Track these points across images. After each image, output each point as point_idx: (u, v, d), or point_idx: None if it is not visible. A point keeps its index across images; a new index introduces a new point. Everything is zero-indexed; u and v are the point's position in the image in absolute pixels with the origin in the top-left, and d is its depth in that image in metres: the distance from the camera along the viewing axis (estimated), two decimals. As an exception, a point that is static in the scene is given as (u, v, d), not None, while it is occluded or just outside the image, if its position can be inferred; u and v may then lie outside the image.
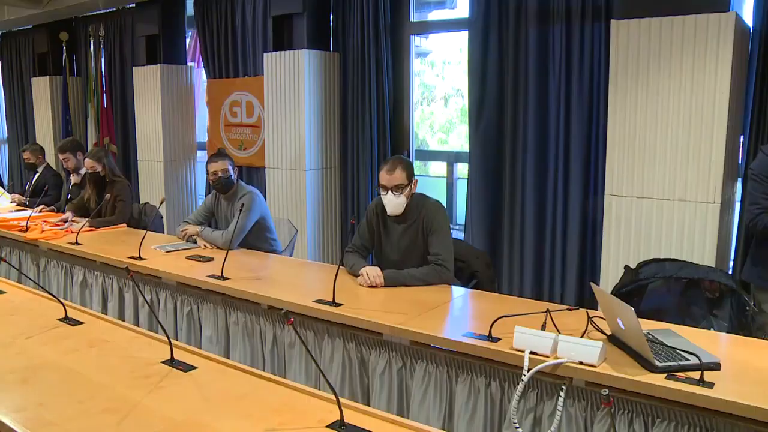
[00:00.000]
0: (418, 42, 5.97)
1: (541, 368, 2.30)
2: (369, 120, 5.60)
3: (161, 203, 4.35)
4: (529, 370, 2.31)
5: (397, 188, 3.35)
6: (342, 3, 5.74)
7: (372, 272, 3.27)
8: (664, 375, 2.15)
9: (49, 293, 3.16)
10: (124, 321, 3.37)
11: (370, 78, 5.58)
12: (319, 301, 3.03)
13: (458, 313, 3.10)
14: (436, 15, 6.39)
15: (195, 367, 2.37)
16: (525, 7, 4.74)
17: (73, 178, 5.76)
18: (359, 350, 2.92)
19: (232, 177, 4.30)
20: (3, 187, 7.48)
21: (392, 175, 3.35)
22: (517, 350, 2.39)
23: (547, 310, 2.61)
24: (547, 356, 2.33)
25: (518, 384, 2.34)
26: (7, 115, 10.10)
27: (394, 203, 3.38)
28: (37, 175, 6.69)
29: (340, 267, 3.23)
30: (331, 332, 2.99)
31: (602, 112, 4.43)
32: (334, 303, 2.98)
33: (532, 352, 2.35)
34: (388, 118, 5.58)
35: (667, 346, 2.31)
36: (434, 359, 2.68)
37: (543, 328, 2.49)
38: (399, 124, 5.68)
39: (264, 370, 2.58)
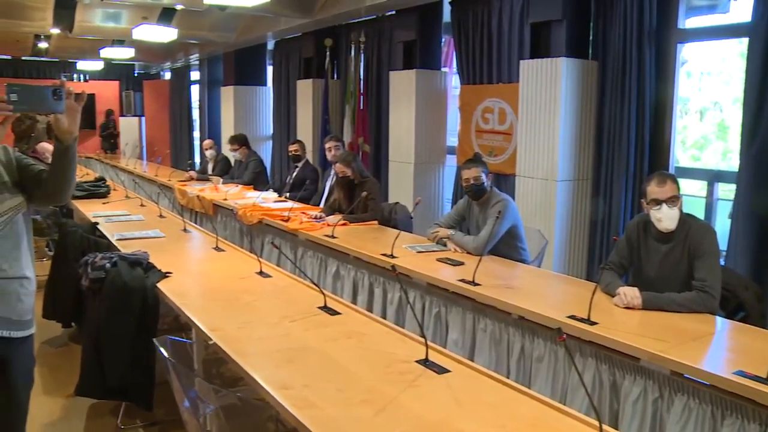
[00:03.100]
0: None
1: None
2: (626, 132, 5.34)
3: (417, 204, 4.48)
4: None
5: (671, 200, 3.18)
6: (603, 9, 5.52)
7: (630, 293, 3.11)
8: None
9: (312, 283, 3.37)
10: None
11: (630, 88, 5.31)
12: (572, 317, 2.94)
13: (725, 348, 2.86)
14: (699, 21, 5.93)
15: (448, 370, 2.41)
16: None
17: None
18: (612, 373, 2.79)
19: (485, 184, 4.32)
20: (267, 180, 8.17)
21: (664, 187, 3.19)
22: (801, 399, 2.15)
23: (840, 357, 2.32)
24: (839, 410, 2.07)
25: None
26: (274, 113, 11.04)
27: (670, 216, 3.19)
28: (297, 169, 7.24)
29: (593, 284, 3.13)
30: (582, 350, 2.89)
31: None
32: (589, 321, 2.88)
33: (820, 403, 2.10)
34: (647, 132, 5.28)
35: None
36: (697, 394, 2.48)
37: (835, 377, 2.21)
38: (658, 138, 5.34)
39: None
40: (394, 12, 7.74)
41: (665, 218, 3.20)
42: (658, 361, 2.56)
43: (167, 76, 17.00)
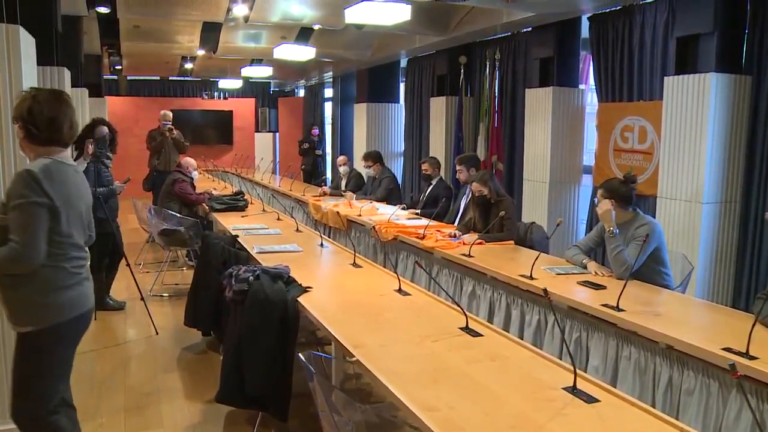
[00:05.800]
0: None
1: None
2: (783, 152, 5.01)
3: (558, 225, 4.38)
4: None
5: None
6: (762, 19, 5.20)
7: (794, 326, 2.89)
8: None
9: (456, 304, 3.33)
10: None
11: (788, 104, 4.99)
12: (727, 350, 2.75)
13: None
14: None
15: (598, 400, 2.31)
16: None
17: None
18: (775, 414, 2.59)
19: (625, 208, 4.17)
20: (400, 196, 8.18)
21: None
22: None
23: None
24: None
25: None
26: (406, 130, 11.14)
27: None
28: (431, 187, 7.23)
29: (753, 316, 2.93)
30: (742, 387, 2.71)
31: None
32: (747, 355, 2.69)
33: None
34: (807, 152, 4.93)
35: None
36: None
37: None
38: (819, 159, 4.98)
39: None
40: (530, 29, 7.65)
41: None
42: (831, 403, 2.35)
43: (301, 93, 17.60)
